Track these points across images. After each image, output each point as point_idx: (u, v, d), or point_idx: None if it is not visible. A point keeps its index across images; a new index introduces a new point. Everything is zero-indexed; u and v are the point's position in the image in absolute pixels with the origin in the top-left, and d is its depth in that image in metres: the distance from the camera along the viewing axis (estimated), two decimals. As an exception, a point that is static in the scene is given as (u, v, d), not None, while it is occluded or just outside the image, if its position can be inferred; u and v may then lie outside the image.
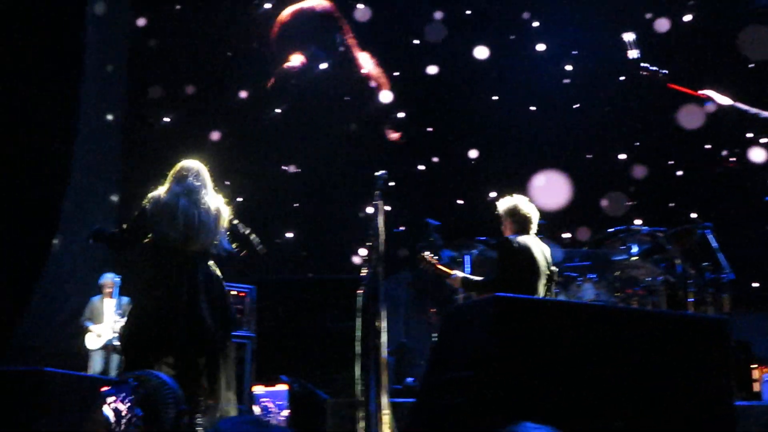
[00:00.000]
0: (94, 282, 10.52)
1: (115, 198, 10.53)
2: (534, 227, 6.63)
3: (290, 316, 8.44)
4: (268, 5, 11.48)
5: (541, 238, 9.13)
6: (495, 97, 11.64)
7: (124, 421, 2.66)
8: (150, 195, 5.88)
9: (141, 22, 11.12)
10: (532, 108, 11.51)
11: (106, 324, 10.28)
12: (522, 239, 6.46)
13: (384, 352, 6.44)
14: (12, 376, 3.08)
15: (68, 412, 3.55)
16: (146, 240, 5.87)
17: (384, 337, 6.35)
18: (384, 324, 6.27)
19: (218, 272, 5.91)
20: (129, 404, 2.65)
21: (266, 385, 4.27)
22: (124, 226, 6.00)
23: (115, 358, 10.00)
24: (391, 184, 6.30)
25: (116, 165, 11.09)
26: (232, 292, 8.50)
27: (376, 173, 6.02)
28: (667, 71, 6.75)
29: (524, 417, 3.63)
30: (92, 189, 10.45)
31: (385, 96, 11.30)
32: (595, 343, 4.02)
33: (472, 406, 3.76)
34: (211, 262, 5.89)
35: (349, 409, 7.45)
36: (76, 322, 10.48)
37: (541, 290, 6.47)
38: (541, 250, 6.57)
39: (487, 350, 3.82)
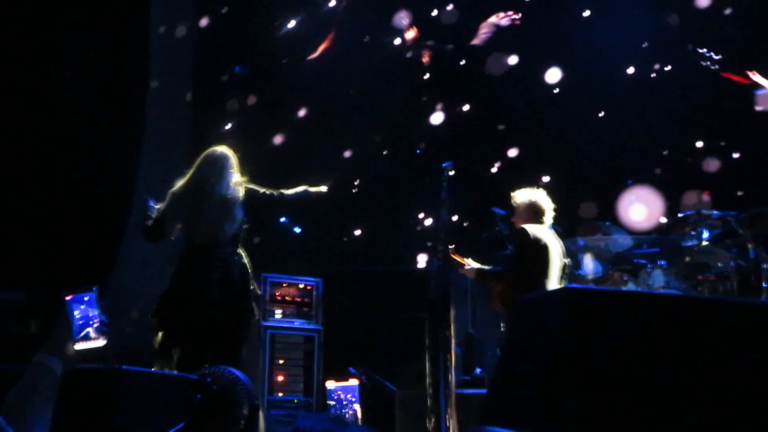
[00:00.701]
0: (166, 275, 10.60)
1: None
2: (548, 220, 6.64)
3: (358, 308, 8.47)
4: (290, 25, 11.55)
5: (608, 226, 9.08)
6: (556, 90, 11.49)
7: (90, 327, 2.70)
8: (171, 190, 5.97)
9: (203, 22, 11.26)
10: (600, 114, 11.33)
11: None
12: (537, 230, 6.50)
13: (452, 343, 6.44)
14: (90, 374, 3.12)
15: (146, 411, 3.59)
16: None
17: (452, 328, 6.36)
18: (452, 315, 6.28)
19: (243, 260, 5.93)
20: (96, 310, 2.70)
21: (338, 380, 4.28)
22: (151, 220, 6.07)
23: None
24: (454, 173, 6.28)
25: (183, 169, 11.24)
26: (299, 286, 8.57)
27: (443, 164, 6.02)
28: (720, 56, 6.59)
29: (599, 411, 3.59)
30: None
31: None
32: (672, 335, 3.92)
33: (544, 400, 3.73)
34: (239, 250, 5.92)
35: (417, 400, 7.45)
36: (148, 317, 10.53)
37: (556, 281, 6.46)
38: (556, 241, 6.58)
39: (559, 343, 3.76)
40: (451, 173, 5.99)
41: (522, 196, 6.75)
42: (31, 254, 8.76)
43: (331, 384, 4.09)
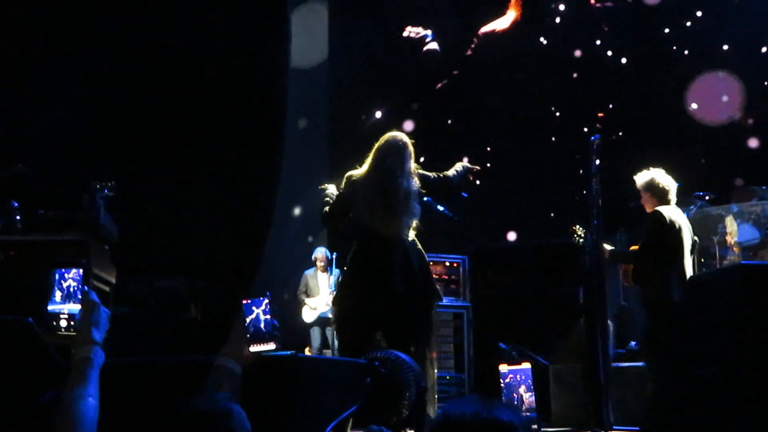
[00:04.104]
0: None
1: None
2: (673, 198, 6.44)
3: (506, 284, 8.41)
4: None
5: (765, 190, 8.68)
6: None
7: (266, 330, 2.80)
8: (349, 174, 5.86)
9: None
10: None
11: (320, 297, 10.38)
12: (670, 212, 6.35)
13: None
14: (269, 362, 3.21)
15: (320, 395, 3.66)
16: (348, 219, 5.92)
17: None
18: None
19: (419, 246, 5.85)
20: (268, 315, 2.82)
21: (510, 364, 4.22)
22: (328, 205, 6.00)
23: (331, 333, 9.91)
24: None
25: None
26: (446, 263, 8.57)
27: (591, 137, 5.91)
28: None
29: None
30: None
31: None
32: None
33: (721, 379, 3.58)
34: (412, 237, 5.82)
35: (572, 375, 7.36)
36: (297, 297, 10.76)
37: (689, 260, 6.33)
38: (686, 221, 6.46)
39: (734, 321, 3.61)
40: (603, 145, 5.86)
41: (642, 178, 6.61)
42: (190, 244, 9.17)
43: (504, 367, 4.04)
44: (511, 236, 10.70)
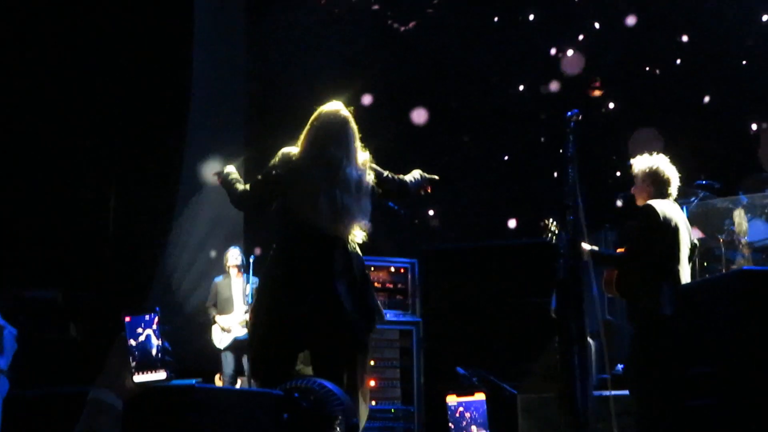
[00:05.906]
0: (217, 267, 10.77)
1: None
2: (674, 193, 6.57)
3: (464, 294, 8.45)
4: None
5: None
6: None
7: (154, 351, 2.81)
8: (287, 151, 5.76)
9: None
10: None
11: (235, 314, 10.31)
12: (665, 207, 6.46)
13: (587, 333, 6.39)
14: (158, 394, 3.20)
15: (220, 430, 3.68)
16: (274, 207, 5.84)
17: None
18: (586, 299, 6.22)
19: (358, 250, 5.81)
20: (157, 338, 2.84)
21: (460, 395, 4.21)
22: (257, 179, 5.87)
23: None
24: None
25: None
26: (390, 269, 8.58)
27: (567, 112, 5.93)
28: None
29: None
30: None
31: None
32: None
33: (722, 409, 3.63)
34: (352, 239, 5.78)
35: (544, 406, 7.43)
36: (204, 311, 10.60)
37: (686, 267, 6.43)
38: (684, 219, 6.60)
39: (734, 338, 3.66)
40: (581, 123, 5.90)
41: (642, 163, 6.70)
42: (69, 245, 9.04)
43: (452, 399, 4.02)
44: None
